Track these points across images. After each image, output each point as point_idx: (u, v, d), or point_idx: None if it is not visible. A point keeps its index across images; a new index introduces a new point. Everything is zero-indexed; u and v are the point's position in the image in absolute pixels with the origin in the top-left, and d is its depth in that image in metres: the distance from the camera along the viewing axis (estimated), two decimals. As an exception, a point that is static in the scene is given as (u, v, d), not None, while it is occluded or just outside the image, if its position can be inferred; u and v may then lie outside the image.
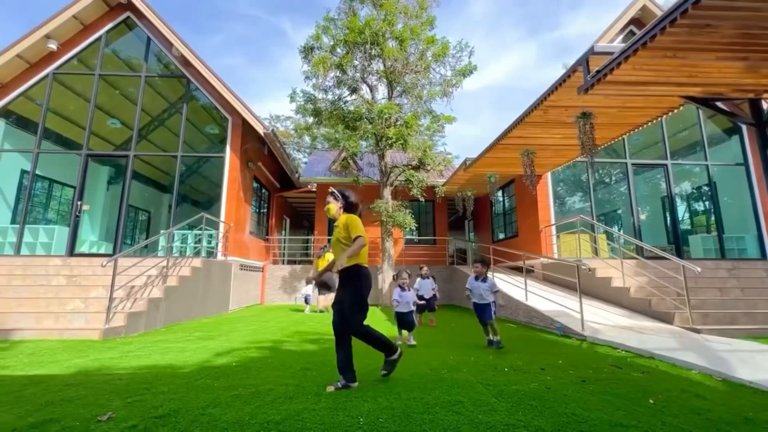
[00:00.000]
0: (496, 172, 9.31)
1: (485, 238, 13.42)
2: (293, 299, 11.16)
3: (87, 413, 2.18)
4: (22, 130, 9.37)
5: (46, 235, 8.81)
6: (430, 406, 2.38)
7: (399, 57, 9.98)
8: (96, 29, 9.45)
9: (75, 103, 9.75)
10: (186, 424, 2.06)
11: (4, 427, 1.98)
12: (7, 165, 9.06)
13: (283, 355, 3.97)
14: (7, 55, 8.62)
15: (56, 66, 9.23)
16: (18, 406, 2.30)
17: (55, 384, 2.80)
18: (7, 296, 5.75)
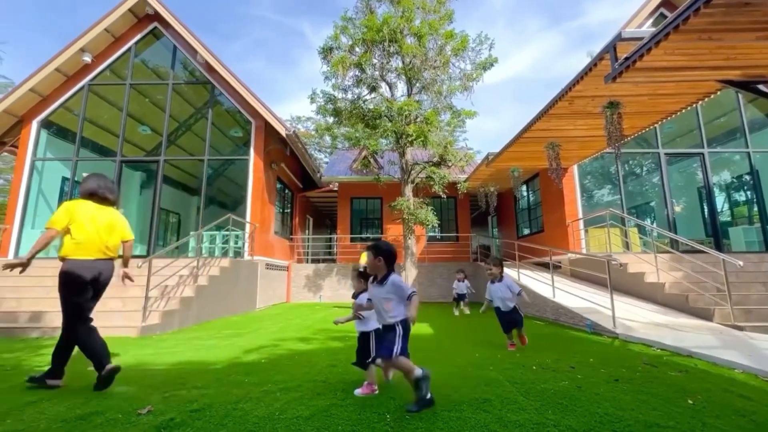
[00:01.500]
0: (519, 167, 9.11)
1: (509, 233, 13.17)
2: (318, 297, 11.33)
3: (128, 406, 2.30)
4: (61, 140, 9.93)
5: (85, 238, 9.30)
6: (456, 404, 2.37)
7: (418, 53, 9.90)
8: (126, 41, 9.88)
9: (108, 112, 10.24)
10: (219, 419, 2.13)
11: (55, 418, 2.12)
12: (49, 173, 9.63)
13: (310, 352, 4.05)
14: (47, 69, 9.14)
15: (91, 77, 9.71)
16: (66, 399, 2.45)
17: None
18: (54, 296, 6.11)
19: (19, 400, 2.43)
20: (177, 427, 2.02)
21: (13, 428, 2.00)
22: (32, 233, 9.12)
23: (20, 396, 2.52)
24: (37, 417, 2.15)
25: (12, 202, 9.08)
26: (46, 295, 6.14)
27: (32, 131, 9.42)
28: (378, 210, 13.51)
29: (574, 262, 8.77)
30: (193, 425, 2.05)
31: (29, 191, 9.20)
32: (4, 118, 9.31)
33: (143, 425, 2.03)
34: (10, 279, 6.72)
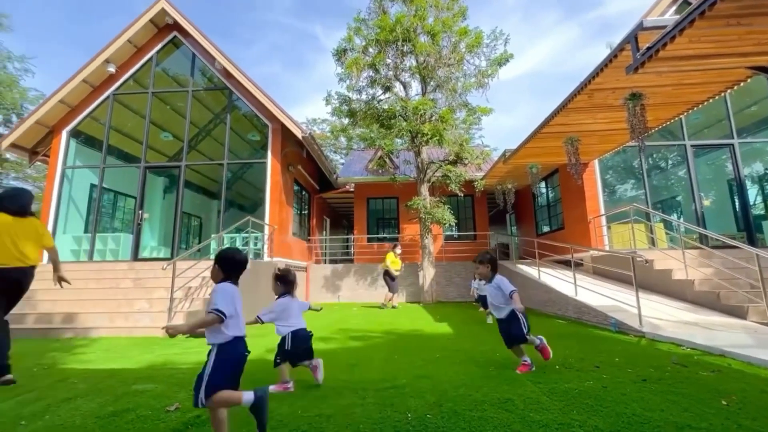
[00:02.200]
0: (538, 163, 8.94)
1: (528, 231, 12.95)
2: (336, 297, 11.41)
3: (157, 404, 2.38)
4: (89, 148, 10.33)
5: (113, 242, 9.68)
6: (478, 403, 2.35)
7: (431, 51, 9.85)
8: (148, 51, 10.20)
9: (132, 120, 10.59)
10: (245, 416, 2.17)
11: (88, 415, 2.22)
12: (79, 180, 10.04)
13: (330, 352, 4.09)
14: (75, 81, 9.54)
15: (115, 87, 10.07)
16: (99, 396, 2.56)
17: (129, 377, 3.08)
18: (85, 298, 6.39)
19: (55, 397, 2.54)
20: (203, 424, 2.08)
21: (51, 423, 2.10)
22: (64, 238, 9.54)
23: (57, 393, 2.64)
24: (72, 413, 2.25)
25: (45, 209, 9.51)
26: (78, 297, 6.40)
27: (62, 141, 9.84)
28: (394, 210, 13.51)
29: (596, 259, 8.55)
30: (218, 422, 2.10)
31: (60, 198, 9.62)
32: (37, 129, 9.77)
33: (171, 422, 2.10)
34: (45, 282, 7.04)
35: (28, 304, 6.16)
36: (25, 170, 19.76)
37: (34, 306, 6.09)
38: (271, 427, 2.03)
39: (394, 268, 9.05)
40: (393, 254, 9.17)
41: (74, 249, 9.56)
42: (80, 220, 10.07)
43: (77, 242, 9.61)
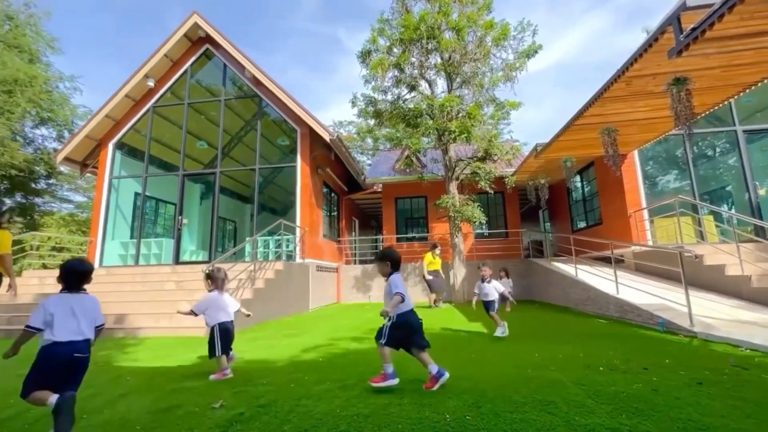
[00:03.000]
0: (572, 156, 8.61)
1: (563, 227, 12.48)
2: (367, 297, 11.49)
3: (203, 401, 2.49)
4: (132, 159, 10.98)
5: (156, 247, 10.23)
6: (519, 405, 2.29)
7: (457, 47, 9.72)
8: (183, 64, 10.70)
9: (170, 130, 11.15)
10: (285, 414, 2.24)
11: (143, 410, 2.35)
12: (124, 189, 10.69)
13: (364, 351, 4.12)
14: (119, 96, 10.16)
15: (155, 100, 10.64)
16: (150, 393, 2.70)
17: (175, 375, 3.24)
18: (133, 300, 6.78)
19: (112, 393, 2.72)
20: (247, 420, 2.15)
21: (110, 418, 2.24)
22: (112, 244, 10.19)
23: (113, 389, 2.82)
24: (128, 409, 2.39)
25: (95, 217, 10.19)
26: (127, 299, 6.81)
27: (108, 153, 10.52)
28: (423, 209, 13.43)
29: (638, 255, 8.11)
30: (261, 419, 2.17)
31: (108, 206, 10.28)
32: (86, 143, 10.49)
33: (217, 418, 2.19)
34: (96, 285, 7.54)
35: (84, 306, 6.63)
36: (77, 181, 21.26)
37: (88, 308, 6.53)
38: (310, 425, 2.07)
39: (430, 269, 8.94)
40: (431, 255, 9.02)
41: (122, 254, 10.18)
42: (126, 226, 10.72)
43: (124, 247, 10.22)
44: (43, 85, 16.22)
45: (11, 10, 16.12)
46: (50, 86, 16.92)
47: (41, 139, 17.64)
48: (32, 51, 16.62)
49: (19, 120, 15.32)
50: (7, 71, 14.55)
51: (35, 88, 15.58)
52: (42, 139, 17.67)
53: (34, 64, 16.48)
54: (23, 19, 16.47)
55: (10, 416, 2.32)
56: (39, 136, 17.58)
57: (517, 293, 10.73)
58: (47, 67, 17.39)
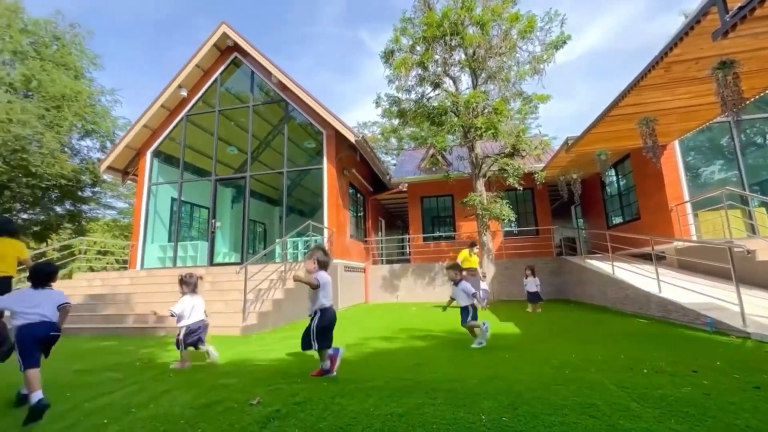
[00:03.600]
0: (606, 149, 8.24)
1: (598, 223, 11.98)
2: (395, 297, 11.49)
3: (241, 397, 2.56)
4: (168, 165, 11.51)
5: (192, 249, 10.66)
6: (557, 407, 2.21)
7: (481, 42, 9.54)
8: (213, 73, 11.11)
9: (202, 137, 11.59)
10: (320, 411, 2.27)
11: (186, 405, 2.45)
12: (162, 195, 11.22)
13: (394, 351, 4.12)
14: (155, 106, 10.68)
15: (188, 109, 11.11)
16: (191, 389, 2.82)
17: (214, 372, 3.36)
18: (172, 300, 7.09)
19: (156, 389, 2.85)
20: (284, 417, 2.20)
21: (155, 413, 2.35)
22: (152, 247, 10.72)
23: (157, 385, 2.96)
24: (171, 403, 2.50)
25: (136, 222, 10.76)
26: (167, 300, 7.13)
27: (147, 161, 11.07)
28: (449, 207, 13.28)
29: (682, 251, 7.66)
30: (297, 416, 2.21)
31: (148, 212, 10.82)
32: (126, 152, 11.09)
33: (255, 414, 2.25)
34: (139, 287, 7.95)
35: (127, 307, 7.01)
36: (118, 189, 22.53)
37: (132, 308, 6.90)
38: (345, 423, 2.09)
39: (465, 266, 8.43)
40: (467, 252, 8.57)
41: (161, 256, 10.69)
42: (164, 230, 11.24)
43: (163, 250, 10.73)
44: (87, 99, 17.29)
45: (59, 31, 17.31)
46: (93, 100, 18.02)
47: (86, 149, 18.82)
48: (77, 68, 17.76)
49: (66, 133, 16.42)
50: (56, 88, 15.63)
51: (80, 103, 16.64)
52: (87, 149, 18.85)
53: (79, 80, 17.61)
54: (69, 39, 17.63)
55: (67, 409, 2.48)
56: (84, 147, 18.76)
57: (549, 292, 10.44)
58: (90, 82, 18.54)
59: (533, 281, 7.69)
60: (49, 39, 17.02)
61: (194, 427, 2.10)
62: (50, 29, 17.08)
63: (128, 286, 8.09)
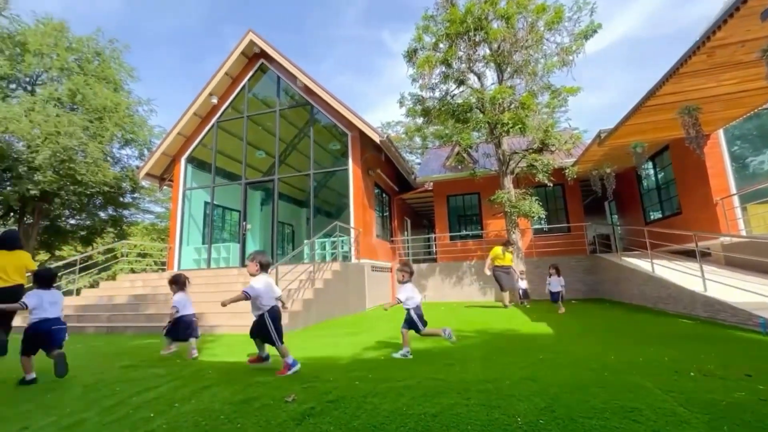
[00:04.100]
0: (642, 141, 7.86)
1: (634, 219, 11.44)
2: (423, 297, 11.40)
3: (277, 394, 2.63)
4: (201, 171, 11.98)
5: (225, 251, 11.05)
6: (597, 411, 2.13)
7: (506, 36, 9.33)
8: (241, 80, 11.47)
9: (232, 143, 11.99)
10: (353, 410, 2.29)
11: (224, 401, 2.54)
12: (195, 199, 11.70)
13: (424, 351, 4.10)
14: (188, 114, 11.15)
15: (218, 116, 11.52)
16: (229, 386, 2.92)
17: (250, 370, 3.46)
18: (208, 300, 7.39)
19: (197, 385, 2.97)
20: (318, 414, 2.24)
21: (197, 407, 2.45)
22: (188, 249, 11.19)
23: (197, 381, 3.08)
24: (211, 399, 2.60)
25: (172, 226, 11.28)
26: (203, 300, 7.43)
27: (181, 167, 11.58)
28: (476, 206, 13.08)
29: (729, 247, 7.19)
30: (331, 414, 2.24)
31: (183, 216, 11.31)
32: (163, 159, 11.65)
33: (291, 411, 2.30)
34: (177, 287, 8.31)
35: (167, 306, 7.34)
36: (155, 194, 23.68)
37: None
38: (378, 422, 2.10)
39: (497, 263, 8.24)
40: (500, 249, 8.30)
41: (196, 258, 11.14)
42: (198, 233, 11.71)
43: (198, 252, 11.18)
44: (126, 110, 18.28)
45: (99, 47, 18.40)
46: (131, 111, 19.02)
47: (126, 158, 19.90)
48: (116, 81, 18.81)
49: (108, 142, 17.43)
50: (98, 101, 16.62)
51: (120, 114, 17.61)
52: (127, 158, 19.93)
53: (118, 92, 18.63)
54: (108, 54, 18.71)
55: (116, 403, 2.63)
56: (124, 156, 19.85)
57: (583, 291, 10.08)
58: (128, 93, 19.58)
59: (558, 280, 7.39)
60: (91, 55, 18.13)
61: (234, 422, 2.18)
62: (92, 46, 18.18)
63: (167, 286, 8.47)
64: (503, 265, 8.30)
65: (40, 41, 15.99)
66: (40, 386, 3.11)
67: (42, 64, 16.46)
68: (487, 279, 10.92)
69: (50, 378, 3.29)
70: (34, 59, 16.10)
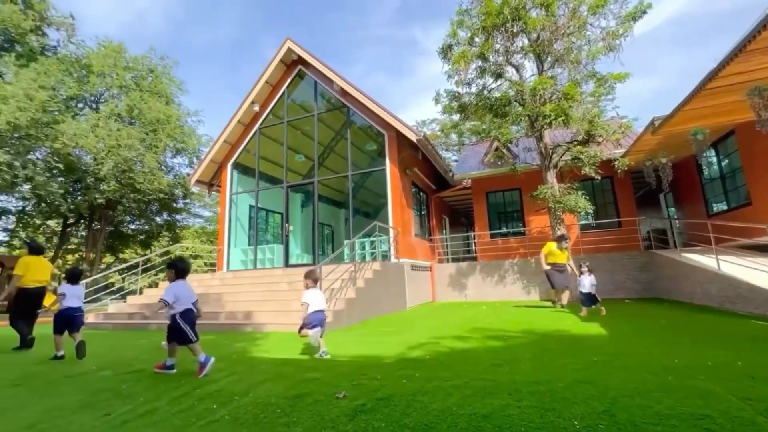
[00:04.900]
0: (703, 127, 7.25)
1: (694, 211, 10.56)
2: (463, 296, 11.27)
3: (327, 390, 2.72)
4: (245, 176, 12.57)
5: (269, 252, 11.52)
6: (662, 417, 2.01)
7: (546, 24, 8.96)
8: (280, 87, 11.90)
9: (273, 147, 12.47)
10: (403, 408, 2.32)
11: (278, 395, 2.67)
12: (241, 203, 12.30)
13: (470, 351, 4.05)
14: (232, 123, 11.75)
15: (260, 123, 12.03)
16: (282, 381, 3.05)
17: (300, 366, 3.60)
18: (255, 299, 7.75)
19: (252, 380, 3.14)
20: (369, 411, 2.29)
21: (254, 401, 2.59)
22: (235, 251, 11.79)
23: (252, 376, 3.26)
24: (267, 393, 2.74)
25: (221, 229, 11.93)
26: (251, 299, 7.81)
27: (228, 173, 12.22)
28: (517, 202, 12.68)
29: (811, 240, 6.45)
30: (382, 411, 2.28)
31: (230, 219, 11.93)
32: (211, 166, 12.35)
33: (342, 407, 2.37)
34: (227, 287, 8.80)
35: (219, 305, 7.79)
36: (204, 199, 25.17)
37: (223, 306, 7.66)
38: (429, 421, 2.11)
39: (549, 261, 7.54)
40: (554, 244, 7.62)
41: (243, 259, 11.71)
42: (245, 235, 12.30)
43: (244, 254, 11.75)
44: (177, 121, 19.59)
45: (152, 64, 19.86)
46: (181, 122, 20.36)
47: (178, 166, 21.33)
48: (167, 94, 20.21)
49: (162, 152, 18.76)
50: (152, 114, 17.95)
51: (171, 125, 18.91)
52: (178, 166, 21.37)
53: (169, 105, 20.01)
54: (160, 70, 20.14)
55: (182, 394, 2.84)
56: (176, 164, 21.29)
57: (637, 290, 9.48)
58: (178, 106, 20.97)
59: (589, 279, 6.66)
60: (145, 72, 19.61)
61: (289, 416, 2.28)
62: (146, 63, 19.66)
63: (218, 286, 8.99)
64: (557, 263, 7.54)
65: (102, 63, 17.54)
66: (115, 378, 3.43)
67: (104, 83, 18.04)
68: (530, 277, 10.57)
69: (126, 370, 3.62)
70: (97, 79, 17.70)
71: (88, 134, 15.50)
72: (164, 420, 2.32)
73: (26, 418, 2.44)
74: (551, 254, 7.57)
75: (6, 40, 15.98)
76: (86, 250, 19.47)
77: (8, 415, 2.53)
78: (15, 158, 13.29)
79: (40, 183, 14.21)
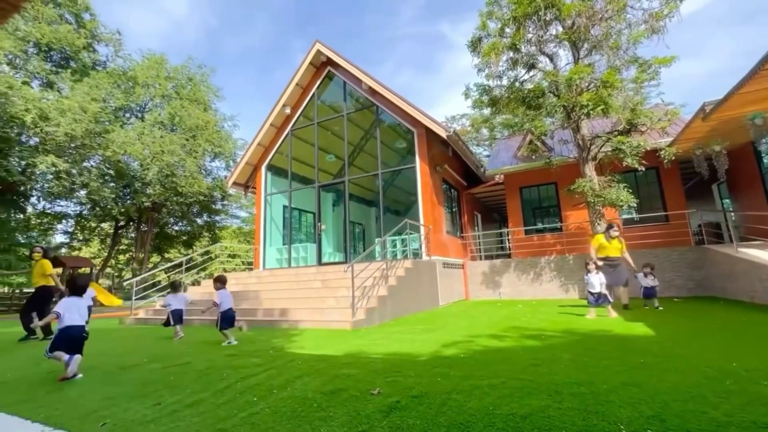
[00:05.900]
0: (762, 111, 6.65)
1: (753, 203, 9.70)
2: (497, 294, 11.03)
3: (362, 387, 2.75)
4: (278, 177, 12.94)
5: (303, 250, 11.81)
6: (720, 424, 1.87)
7: (582, 10, 8.55)
8: (310, 89, 12.13)
9: (305, 148, 12.75)
10: (438, 406, 2.31)
11: (315, 390, 2.73)
12: (275, 204, 12.68)
13: (506, 350, 3.96)
14: (266, 126, 12.12)
15: (292, 125, 12.33)
16: (318, 376, 3.12)
17: (335, 362, 3.66)
18: (291, 297, 7.98)
19: (290, 374, 3.23)
20: (404, 408, 2.29)
21: (292, 395, 2.67)
22: (271, 250, 12.18)
23: (289, 371, 3.35)
24: (304, 388, 2.81)
25: (257, 229, 12.36)
26: (287, 296, 8.03)
27: (262, 174, 12.63)
28: (553, 197, 12.23)
29: None
30: (416, 409, 2.28)
31: (266, 219, 12.34)
32: (246, 168, 12.82)
33: (377, 404, 2.39)
34: (264, 285, 9.11)
35: (257, 302, 8.08)
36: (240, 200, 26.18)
37: (260, 303, 7.94)
38: (464, 420, 2.08)
39: (600, 255, 6.84)
40: (603, 236, 6.92)
41: (278, 258, 12.08)
42: (279, 235, 12.68)
43: (279, 252, 12.11)
44: (214, 126, 20.51)
45: (191, 73, 20.89)
46: (218, 127, 21.29)
47: (216, 169, 22.34)
48: (205, 101, 21.21)
49: (201, 157, 19.71)
50: (191, 121, 18.90)
51: (209, 130, 19.83)
52: (216, 169, 22.37)
53: (207, 111, 20.98)
54: (198, 78, 21.15)
55: (225, 387, 2.98)
56: (214, 168, 22.29)
57: (689, 288, 8.89)
58: (215, 112, 21.96)
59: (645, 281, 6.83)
60: (184, 81, 20.67)
61: (326, 410, 2.33)
62: (185, 73, 20.72)
63: (256, 284, 9.33)
64: (609, 256, 6.75)
65: (146, 74, 18.67)
66: (164, 370, 3.64)
67: (148, 93, 19.20)
68: (568, 275, 10.17)
69: (173, 363, 3.84)
70: (142, 90, 18.86)
71: (135, 142, 16.57)
72: (209, 411, 2.44)
73: (87, 405, 2.65)
74: (602, 247, 6.83)
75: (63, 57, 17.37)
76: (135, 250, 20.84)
77: (70, 403, 2.75)
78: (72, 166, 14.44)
79: (94, 188, 15.37)
